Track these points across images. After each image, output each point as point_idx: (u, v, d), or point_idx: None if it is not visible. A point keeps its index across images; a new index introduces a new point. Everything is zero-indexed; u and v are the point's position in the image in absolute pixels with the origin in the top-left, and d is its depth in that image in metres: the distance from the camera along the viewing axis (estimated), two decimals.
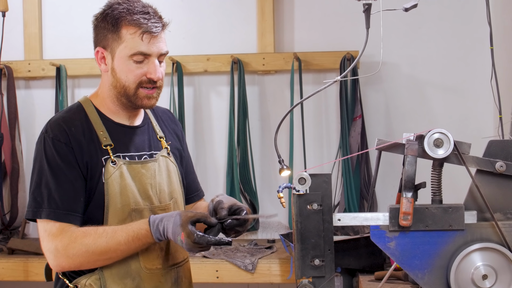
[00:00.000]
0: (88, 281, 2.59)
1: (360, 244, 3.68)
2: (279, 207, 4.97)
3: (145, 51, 2.58)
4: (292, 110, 2.70)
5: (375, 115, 4.96)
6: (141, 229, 2.49)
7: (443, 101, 4.92)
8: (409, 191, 2.21)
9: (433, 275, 2.23)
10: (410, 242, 2.23)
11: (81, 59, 5.13)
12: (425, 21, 4.90)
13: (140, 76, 2.60)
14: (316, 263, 2.21)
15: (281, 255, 4.32)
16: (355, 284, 3.68)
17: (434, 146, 2.21)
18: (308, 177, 2.19)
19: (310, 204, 2.20)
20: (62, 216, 2.53)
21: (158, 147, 2.79)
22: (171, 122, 2.98)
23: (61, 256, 2.51)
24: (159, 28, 2.60)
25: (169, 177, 2.77)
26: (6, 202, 5.07)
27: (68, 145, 2.57)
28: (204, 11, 5.11)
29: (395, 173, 4.62)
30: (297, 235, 2.21)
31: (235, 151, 4.87)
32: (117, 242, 2.49)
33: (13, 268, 4.41)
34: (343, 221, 2.26)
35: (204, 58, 5.01)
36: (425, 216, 2.22)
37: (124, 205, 2.59)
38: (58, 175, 2.55)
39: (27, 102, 5.27)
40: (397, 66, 4.90)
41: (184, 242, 2.39)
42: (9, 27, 4.53)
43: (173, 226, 2.42)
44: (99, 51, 2.66)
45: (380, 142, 2.31)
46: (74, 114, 2.68)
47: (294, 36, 5.07)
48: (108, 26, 2.61)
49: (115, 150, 2.64)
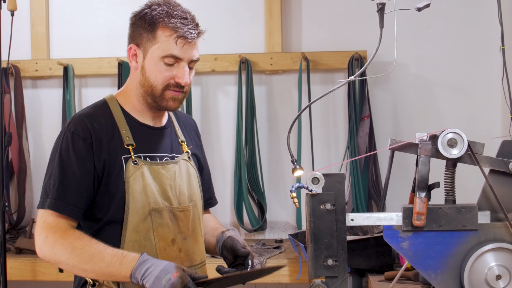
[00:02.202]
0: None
1: (369, 244, 3.67)
2: (286, 207, 5.01)
3: (177, 54, 2.58)
4: (305, 109, 2.69)
5: (383, 115, 4.96)
6: (130, 255, 2.43)
7: (451, 101, 4.92)
8: (423, 191, 2.20)
9: (446, 275, 2.22)
10: (423, 242, 2.22)
11: (88, 59, 5.13)
12: (433, 21, 4.90)
13: (168, 79, 2.60)
14: (329, 263, 2.20)
15: (290, 255, 4.31)
16: (365, 284, 3.68)
17: (448, 146, 2.20)
18: (322, 177, 2.18)
19: (323, 204, 2.19)
20: (62, 208, 2.53)
21: (179, 150, 2.78)
22: (192, 129, 2.98)
23: (47, 246, 2.50)
24: (194, 35, 2.60)
25: (189, 180, 2.76)
26: (13, 202, 5.07)
27: (87, 140, 2.58)
28: (211, 10, 5.10)
29: (402, 173, 4.61)
30: (310, 235, 2.20)
31: (243, 150, 4.86)
32: (102, 257, 2.43)
33: (21, 267, 4.41)
34: (356, 221, 2.24)
35: (212, 57, 5.00)
36: (439, 216, 2.21)
37: (145, 205, 2.59)
38: (66, 168, 2.56)
39: (34, 102, 5.27)
40: (405, 66, 4.90)
41: (173, 280, 2.30)
42: (16, 26, 4.52)
43: (165, 266, 2.36)
44: (132, 48, 2.67)
45: (393, 142, 2.30)
46: (99, 111, 2.69)
47: (302, 35, 5.07)
48: (144, 25, 2.62)
49: (136, 150, 2.64)
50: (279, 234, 4.99)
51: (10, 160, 5.00)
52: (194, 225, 2.73)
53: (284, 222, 5.04)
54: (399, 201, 4.37)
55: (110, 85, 5.17)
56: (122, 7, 5.11)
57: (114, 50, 5.14)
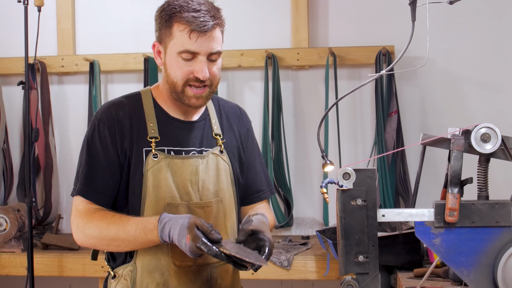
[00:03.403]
0: (123, 271, 2.65)
1: (398, 241, 3.64)
2: (313, 203, 5.00)
3: (192, 49, 2.56)
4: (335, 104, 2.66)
5: (410, 110, 4.91)
6: (149, 223, 2.48)
7: (479, 97, 4.86)
8: (455, 187, 2.17)
9: (479, 272, 2.19)
10: (455, 239, 2.19)
11: (114, 54, 5.13)
12: (461, 16, 4.84)
13: (187, 74, 2.59)
14: (360, 260, 2.17)
15: (317, 251, 4.29)
16: (393, 281, 3.65)
17: (481, 141, 2.17)
18: (353, 172, 2.15)
19: (354, 200, 2.16)
20: (90, 195, 2.60)
21: (211, 144, 2.76)
22: (237, 119, 2.93)
23: (80, 232, 2.58)
24: (208, 27, 2.55)
25: (218, 175, 2.73)
26: (39, 198, 5.09)
27: (112, 128, 2.61)
28: (237, 5, 5.08)
29: (430, 169, 4.59)
30: (341, 231, 2.17)
31: (269, 146, 4.84)
32: (126, 232, 2.50)
33: (48, 263, 4.42)
34: (387, 217, 2.21)
35: (238, 53, 4.98)
36: (471, 212, 2.17)
37: (160, 199, 2.59)
38: (93, 156, 2.61)
39: (60, 98, 5.28)
40: (433, 61, 4.84)
41: (188, 245, 2.35)
42: (42, 22, 4.52)
43: (179, 228, 2.40)
44: (155, 45, 2.69)
45: (425, 137, 2.27)
46: (128, 100, 2.72)
47: (328, 30, 5.03)
48: (162, 21, 2.62)
49: (160, 143, 2.64)
50: (305, 230, 4.96)
51: (36, 156, 5.02)
52: (216, 222, 2.70)
53: (311, 219, 5.01)
54: (427, 197, 4.36)
55: (136, 81, 5.16)
56: (147, 2, 5.11)
57: (140, 46, 5.13)
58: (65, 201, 5.20)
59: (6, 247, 4.52)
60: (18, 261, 4.46)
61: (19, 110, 5.22)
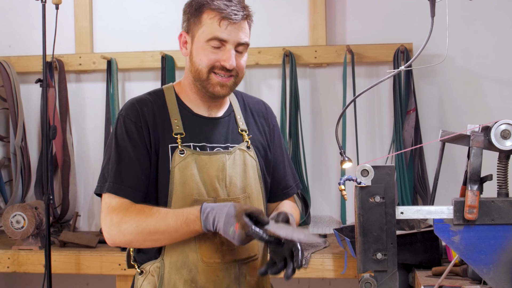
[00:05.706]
0: (151, 267, 2.64)
1: (416, 239, 3.61)
2: (330, 202, 4.98)
3: (221, 36, 2.56)
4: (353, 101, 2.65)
5: (429, 108, 4.88)
6: (191, 214, 2.47)
7: (498, 94, 4.82)
8: (475, 184, 2.15)
9: (499, 270, 2.17)
10: (475, 236, 2.16)
11: (132, 52, 5.13)
12: (480, 12, 4.80)
13: (213, 61, 2.59)
14: (378, 257, 2.15)
15: (334, 249, 4.27)
16: (411, 279, 3.62)
17: (501, 137, 2.14)
18: (371, 169, 2.13)
19: (372, 197, 2.15)
20: (122, 191, 2.56)
21: (237, 140, 2.75)
22: (262, 115, 2.93)
23: (114, 229, 2.53)
24: (238, 16, 2.59)
25: (245, 171, 2.72)
26: (57, 195, 5.10)
27: (138, 124, 2.61)
28: (255, 3, 5.04)
29: (448, 166, 4.57)
30: (359, 228, 2.16)
31: (287, 144, 4.82)
32: (167, 224, 2.48)
33: (65, 261, 4.43)
34: (406, 214, 2.20)
35: (255, 51, 4.97)
36: (491, 210, 2.15)
37: (187, 195, 2.58)
38: (122, 152, 2.60)
39: (78, 95, 5.29)
40: (452, 58, 4.81)
41: (237, 233, 2.35)
42: (60, 20, 4.52)
43: (226, 217, 2.39)
44: (182, 35, 2.70)
45: (444, 133, 2.26)
46: (152, 97, 2.72)
47: (346, 28, 5.01)
48: (191, 11, 2.63)
49: (186, 139, 2.64)
50: (323, 229, 4.93)
51: (54, 153, 5.03)
52: None
53: (328, 217, 4.99)
54: (445, 195, 4.34)
55: (154, 78, 5.16)
56: (165, 0, 5.11)
57: (157, 44, 5.14)
58: (82, 199, 5.21)
59: (24, 244, 4.53)
60: (36, 258, 4.46)
61: (37, 108, 5.24)
